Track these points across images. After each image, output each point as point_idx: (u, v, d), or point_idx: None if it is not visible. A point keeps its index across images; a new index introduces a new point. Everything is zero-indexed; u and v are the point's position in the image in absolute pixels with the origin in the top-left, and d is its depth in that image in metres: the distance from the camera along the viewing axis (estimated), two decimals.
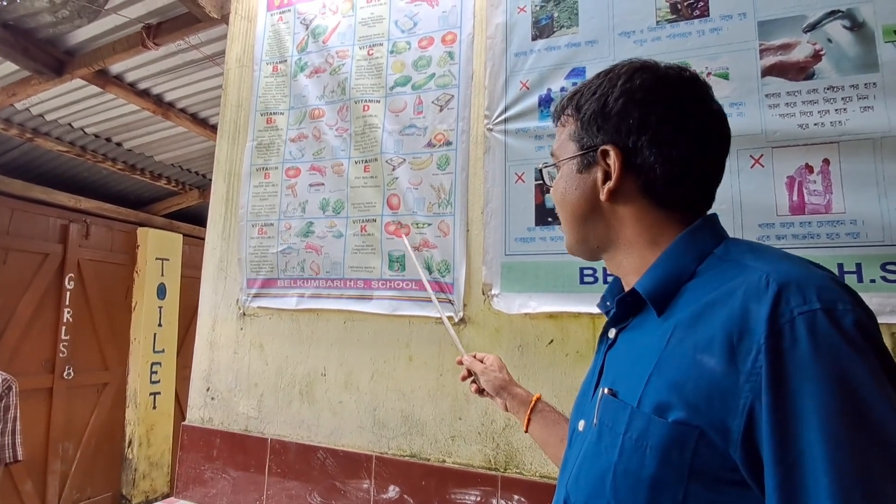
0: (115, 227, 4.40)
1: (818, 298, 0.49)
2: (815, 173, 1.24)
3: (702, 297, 0.57)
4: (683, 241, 0.63)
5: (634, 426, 0.56)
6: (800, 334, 0.48)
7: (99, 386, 4.21)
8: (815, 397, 0.46)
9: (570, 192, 0.70)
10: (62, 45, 2.81)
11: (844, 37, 1.26)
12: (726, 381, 0.50)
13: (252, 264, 1.86)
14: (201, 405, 1.86)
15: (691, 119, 0.64)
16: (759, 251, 0.59)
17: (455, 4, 1.70)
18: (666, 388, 0.55)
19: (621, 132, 0.65)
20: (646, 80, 0.65)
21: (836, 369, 0.46)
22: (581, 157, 0.69)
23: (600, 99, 0.67)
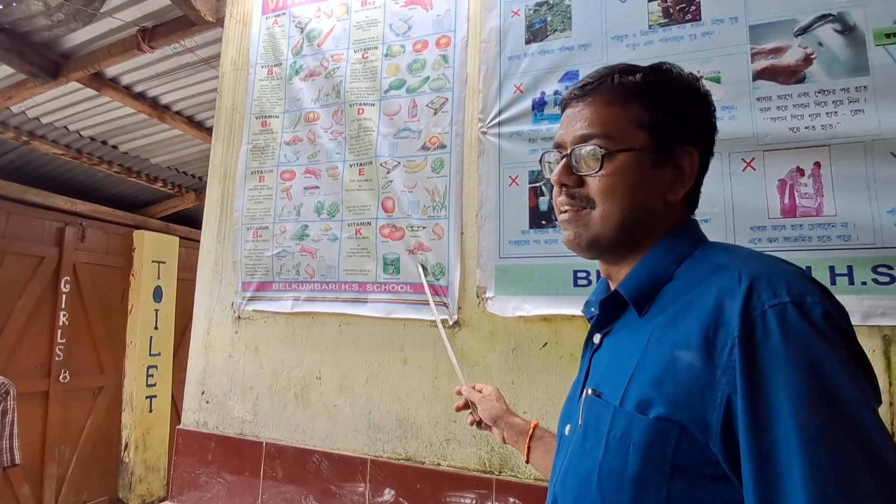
0: (111, 230, 4.39)
1: (787, 292, 0.51)
2: (807, 176, 1.25)
3: (679, 296, 0.59)
4: (664, 245, 0.65)
5: (617, 424, 0.57)
6: (771, 326, 0.49)
7: (95, 389, 4.19)
8: (786, 387, 0.47)
9: (640, 188, 0.65)
10: (58, 48, 2.81)
11: (835, 40, 1.27)
12: (704, 376, 0.51)
13: (247, 267, 1.86)
14: (196, 409, 1.86)
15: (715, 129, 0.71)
16: (732, 252, 0.61)
17: (449, 8, 1.71)
18: (647, 386, 0.56)
19: (701, 134, 0.68)
20: (701, 89, 0.69)
21: (807, 359, 0.47)
22: (657, 151, 0.65)
23: (684, 93, 0.68)
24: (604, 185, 0.65)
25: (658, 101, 0.66)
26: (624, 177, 0.65)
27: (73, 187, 4.28)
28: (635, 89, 0.67)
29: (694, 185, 0.68)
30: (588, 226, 0.67)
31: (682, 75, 0.69)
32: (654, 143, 0.65)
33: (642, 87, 0.67)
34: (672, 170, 0.66)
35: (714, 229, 1.30)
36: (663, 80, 0.68)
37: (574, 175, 0.68)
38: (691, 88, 0.68)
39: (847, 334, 0.50)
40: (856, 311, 1.18)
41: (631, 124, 0.66)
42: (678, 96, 0.67)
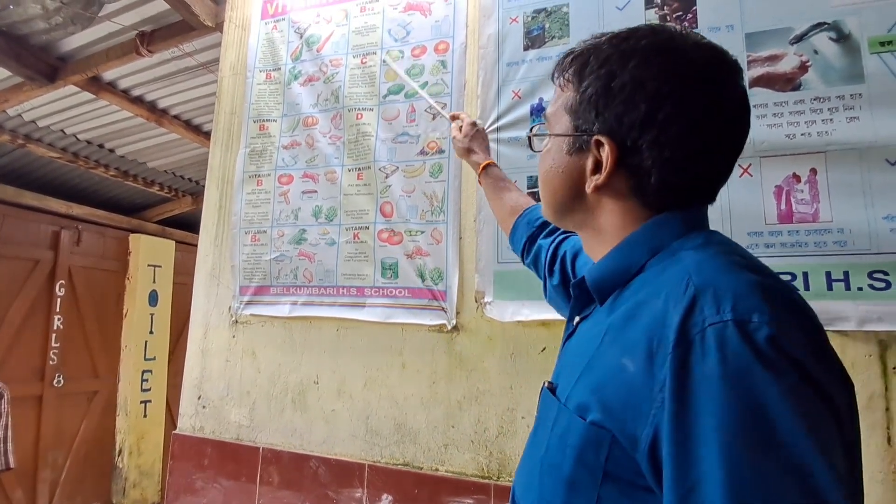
0: (107, 234, 4.38)
1: (732, 308, 0.44)
2: (803, 182, 1.26)
3: (636, 294, 0.55)
4: (641, 234, 0.59)
5: (560, 423, 0.55)
6: (709, 348, 0.44)
7: (89, 394, 4.17)
8: (717, 419, 0.41)
9: (555, 172, 0.64)
10: (55, 51, 2.81)
11: (831, 48, 1.28)
12: (643, 389, 0.47)
13: (245, 271, 1.86)
14: (192, 413, 1.85)
15: (710, 119, 0.56)
16: (706, 246, 0.54)
17: (448, 14, 1.72)
18: (590, 388, 0.53)
19: (622, 124, 0.56)
20: (663, 68, 0.55)
21: (744, 389, 0.42)
22: (573, 138, 0.61)
23: (606, 76, 0.58)
24: (539, 169, 0.69)
25: (581, 83, 0.60)
26: (543, 160, 0.67)
27: (69, 191, 4.26)
28: (572, 70, 0.62)
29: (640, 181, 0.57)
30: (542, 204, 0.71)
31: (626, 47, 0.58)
32: (572, 128, 0.61)
33: (576, 67, 0.62)
34: (595, 158, 0.59)
35: None
36: (595, 56, 0.60)
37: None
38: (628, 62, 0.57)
39: (798, 360, 0.42)
40: (852, 317, 1.18)
41: (562, 108, 0.63)
42: (602, 75, 0.58)
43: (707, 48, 0.58)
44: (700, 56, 0.57)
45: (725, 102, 0.56)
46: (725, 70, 0.57)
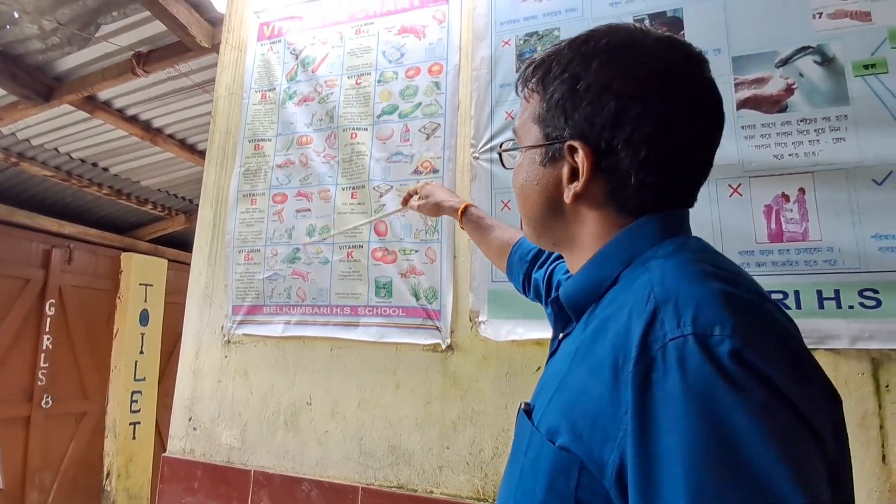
0: (99, 253, 4.35)
1: (692, 321, 0.41)
2: (792, 202, 1.28)
3: (606, 308, 0.52)
4: (615, 243, 0.56)
5: (532, 447, 0.52)
6: (670, 366, 0.41)
7: (77, 415, 4.10)
8: (679, 443, 0.38)
9: (530, 186, 0.61)
10: (51, 71, 2.83)
11: (815, 71, 1.31)
12: (609, 410, 0.44)
13: (238, 291, 1.85)
14: (183, 435, 1.82)
15: (682, 114, 0.54)
16: (678, 253, 0.51)
17: (441, 37, 1.74)
18: (559, 410, 0.50)
19: (593, 126, 0.54)
20: (628, 65, 0.54)
21: (706, 410, 0.38)
22: (545, 148, 0.59)
23: (570, 80, 0.56)
24: (513, 185, 0.66)
25: (547, 90, 0.58)
26: (517, 175, 0.64)
27: (61, 209, 4.25)
28: (535, 79, 0.60)
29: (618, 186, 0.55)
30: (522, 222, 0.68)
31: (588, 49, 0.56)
32: (541, 139, 0.59)
33: (539, 75, 0.60)
34: (570, 166, 0.57)
35: None
36: (557, 62, 0.58)
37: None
38: (593, 62, 0.55)
39: (764, 375, 0.39)
40: (844, 335, 1.19)
41: (529, 119, 0.61)
42: (567, 78, 0.56)
43: (669, 43, 0.56)
44: (663, 51, 0.55)
45: (694, 95, 0.55)
46: (690, 63, 0.55)
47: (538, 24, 1.62)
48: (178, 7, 2.27)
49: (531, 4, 1.64)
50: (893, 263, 1.18)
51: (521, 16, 1.65)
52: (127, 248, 4.58)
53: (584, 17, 1.56)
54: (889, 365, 1.18)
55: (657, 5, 1.48)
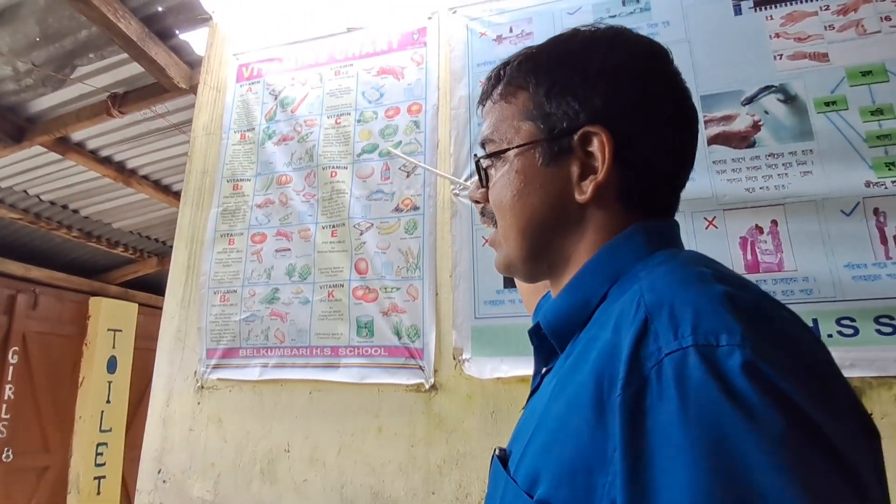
0: (66, 297, 4.20)
1: (693, 330, 0.34)
2: (765, 234, 1.31)
3: (591, 330, 0.45)
4: (599, 259, 0.50)
5: (506, 499, 0.44)
6: (667, 386, 0.33)
7: (39, 470, 3.86)
8: (680, 485, 0.30)
9: (531, 191, 0.51)
10: (23, 112, 2.79)
11: (780, 109, 1.37)
12: (594, 449, 0.36)
13: (213, 333, 1.79)
14: (151, 489, 1.72)
15: (682, 100, 0.51)
16: (668, 262, 0.45)
17: (420, 78, 1.78)
18: (537, 455, 0.42)
19: (613, 109, 0.49)
20: (638, 47, 0.52)
21: (713, 442, 0.30)
22: (548, 142, 0.51)
23: (579, 64, 0.51)
24: (493, 197, 0.55)
25: (543, 82, 0.51)
26: (508, 184, 0.53)
27: (28, 252, 4.12)
28: (519, 76, 0.54)
29: (628, 174, 0.49)
30: (500, 247, 0.57)
31: (584, 38, 0.53)
32: (542, 134, 0.51)
33: (527, 70, 0.53)
34: (580, 160, 0.50)
35: None
36: (551, 54, 0.53)
37: (482, 189, 0.57)
38: (591, 53, 0.51)
39: (785, 396, 0.31)
40: None
41: (517, 118, 0.53)
42: (568, 69, 0.51)
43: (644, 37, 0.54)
44: (648, 41, 0.53)
45: (682, 80, 0.52)
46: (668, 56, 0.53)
47: None
48: (157, 49, 2.28)
49: (506, 47, 1.69)
50: (867, 292, 1.21)
51: (497, 57, 1.69)
52: (96, 291, 4.44)
53: None
54: (871, 393, 1.19)
55: None
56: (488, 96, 0.57)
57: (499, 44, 1.70)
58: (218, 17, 2.21)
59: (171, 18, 2.29)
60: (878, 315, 1.19)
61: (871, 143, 1.28)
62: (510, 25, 1.70)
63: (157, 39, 2.29)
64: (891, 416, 1.16)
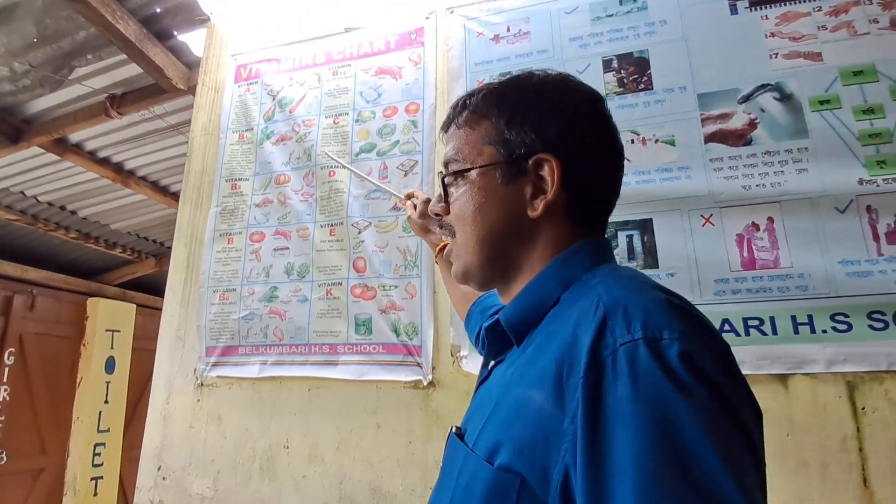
0: (64, 298, 4.20)
1: (643, 325, 0.43)
2: (762, 231, 1.32)
3: (548, 327, 0.53)
4: (553, 267, 0.58)
5: (466, 470, 0.51)
6: (621, 369, 0.41)
7: (35, 471, 3.85)
8: (629, 445, 0.38)
9: (491, 206, 0.60)
10: (20, 113, 2.79)
11: (776, 107, 1.38)
12: (552, 423, 0.44)
13: (212, 331, 1.79)
14: (151, 486, 1.72)
15: (616, 137, 0.62)
16: (613, 273, 0.54)
17: (417, 78, 1.79)
18: (498, 430, 0.49)
19: (563, 140, 0.58)
20: (583, 90, 0.62)
21: (656, 411, 0.39)
22: (507, 164, 0.60)
23: (538, 99, 0.61)
24: (455, 210, 0.63)
25: (503, 112, 0.61)
26: (471, 198, 0.61)
27: (25, 254, 4.12)
28: (483, 106, 0.63)
29: (573, 197, 0.59)
30: (458, 257, 0.64)
31: (539, 79, 0.63)
32: (502, 157, 0.60)
33: (489, 102, 0.63)
34: (532, 182, 0.59)
35: (680, 283, 1.34)
36: (511, 90, 0.63)
37: (444, 203, 0.65)
38: (545, 92, 0.61)
39: (709, 378, 0.41)
40: (819, 359, 1.22)
41: (479, 143, 0.62)
42: (526, 103, 0.61)
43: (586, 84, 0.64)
44: (590, 87, 0.64)
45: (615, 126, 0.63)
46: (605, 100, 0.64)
47: (511, 65, 1.67)
48: (155, 51, 2.29)
49: (503, 46, 1.70)
50: (861, 288, 1.22)
51: (495, 57, 1.71)
52: (94, 293, 4.43)
53: (556, 57, 1.62)
54: (864, 388, 1.20)
55: (624, 47, 1.56)
56: (452, 122, 0.66)
57: (496, 43, 1.72)
58: (216, 18, 2.22)
59: (169, 19, 2.29)
60: (870, 311, 1.20)
61: (863, 142, 1.30)
62: (507, 25, 1.72)
63: (155, 40, 2.29)
64: (881, 410, 1.18)
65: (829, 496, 1.17)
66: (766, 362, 1.25)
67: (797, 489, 1.19)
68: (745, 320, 1.28)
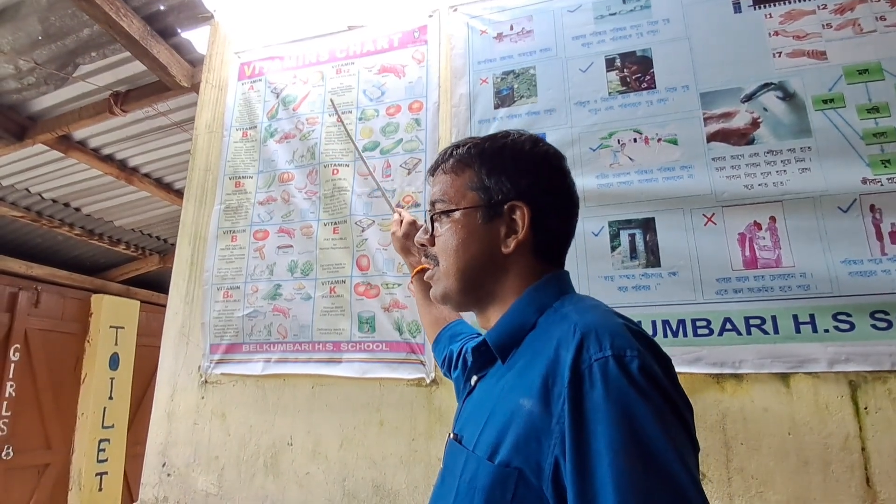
0: (68, 295, 4.22)
1: (611, 346, 0.54)
2: (764, 230, 1.32)
3: (533, 346, 0.65)
4: (528, 296, 0.70)
5: (468, 469, 0.60)
6: (595, 379, 0.53)
7: (40, 467, 3.88)
8: (605, 437, 0.50)
9: (472, 240, 0.72)
10: (25, 110, 2.80)
11: (779, 106, 1.38)
12: (542, 423, 0.55)
13: (216, 329, 1.80)
14: (155, 482, 1.74)
15: (574, 190, 0.76)
16: (579, 303, 0.66)
17: (421, 76, 1.79)
18: (495, 433, 0.59)
19: (532, 191, 0.71)
20: (549, 151, 0.75)
21: (624, 411, 0.51)
22: (486, 208, 0.72)
23: (514, 156, 0.73)
24: (441, 242, 0.75)
25: (483, 165, 0.73)
26: (455, 234, 0.73)
27: (29, 250, 4.13)
28: (467, 157, 0.75)
29: (538, 237, 0.71)
30: (438, 281, 0.76)
31: (515, 140, 0.75)
32: (481, 201, 0.72)
33: (473, 154, 0.75)
34: (506, 224, 0.71)
35: (682, 282, 1.35)
36: (491, 146, 0.75)
37: (427, 236, 0.77)
38: (518, 150, 0.74)
39: (661, 385, 0.53)
40: (821, 358, 1.22)
41: (463, 188, 0.74)
42: (503, 159, 0.73)
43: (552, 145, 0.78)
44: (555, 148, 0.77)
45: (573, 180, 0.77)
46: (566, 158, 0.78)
47: (514, 64, 1.68)
48: (159, 48, 2.29)
49: (507, 45, 1.70)
50: (863, 287, 1.22)
51: (498, 55, 1.71)
52: (97, 289, 4.45)
53: (559, 56, 1.62)
54: (866, 387, 1.21)
55: (627, 46, 1.56)
56: (439, 166, 0.78)
57: (499, 42, 1.72)
58: (219, 15, 2.22)
59: (172, 17, 2.29)
60: (873, 310, 1.21)
61: (867, 141, 1.29)
62: (511, 23, 1.71)
63: (159, 38, 2.30)
64: (885, 409, 1.18)
65: (831, 496, 1.17)
66: (767, 361, 1.25)
67: (798, 488, 1.19)
68: (746, 319, 1.29)
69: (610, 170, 1.49)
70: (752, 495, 1.22)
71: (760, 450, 1.24)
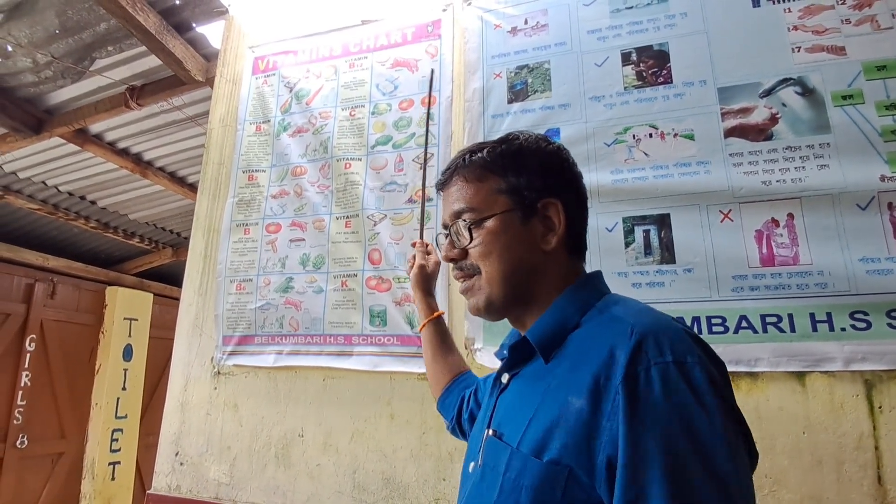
0: (83, 287, 4.27)
1: (671, 351, 0.55)
2: (781, 227, 1.31)
3: (582, 345, 0.64)
4: (569, 295, 0.70)
5: (513, 466, 0.60)
6: (654, 382, 0.53)
7: (54, 456, 3.94)
8: (661, 439, 0.51)
9: (514, 245, 0.71)
10: (42, 104, 2.83)
11: (797, 102, 1.36)
12: (592, 421, 0.55)
13: (229, 321, 1.82)
14: (169, 471, 1.76)
15: (582, 181, 0.77)
16: (627, 305, 0.66)
17: (434, 70, 1.79)
18: (542, 430, 0.59)
19: (559, 186, 0.73)
20: (560, 146, 0.77)
21: (683, 417, 0.51)
22: (521, 209, 0.71)
23: (533, 155, 0.74)
24: (480, 251, 0.72)
25: (507, 167, 0.73)
26: (496, 239, 0.71)
27: (46, 242, 4.19)
28: (485, 163, 0.74)
29: (570, 232, 0.72)
30: (480, 290, 0.73)
31: (526, 139, 0.76)
32: (514, 203, 0.72)
33: (491, 159, 0.74)
34: (542, 222, 0.71)
35: (697, 278, 1.34)
36: (508, 148, 0.75)
37: (457, 249, 0.75)
38: (536, 149, 0.74)
39: (720, 393, 0.54)
40: (838, 357, 1.20)
41: (491, 193, 0.73)
42: (525, 159, 0.73)
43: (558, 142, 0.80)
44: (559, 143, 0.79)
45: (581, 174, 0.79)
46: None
47: (528, 58, 1.67)
48: (175, 42, 2.31)
49: (521, 39, 1.70)
50: (881, 286, 1.21)
51: (512, 50, 1.70)
52: (112, 281, 4.51)
53: (574, 50, 1.61)
54: (881, 386, 1.19)
55: (644, 40, 1.54)
56: (453, 174, 0.76)
57: (513, 36, 1.71)
58: (234, 10, 2.23)
59: (188, 11, 2.31)
60: (890, 309, 1.19)
61: (886, 138, 1.27)
62: (525, 17, 1.71)
63: (174, 32, 2.31)
64: None
65: (843, 494, 1.16)
66: (783, 359, 1.24)
67: (812, 487, 1.18)
68: (762, 317, 1.27)
69: (625, 165, 1.48)
70: (766, 494, 1.21)
71: (775, 448, 1.23)
